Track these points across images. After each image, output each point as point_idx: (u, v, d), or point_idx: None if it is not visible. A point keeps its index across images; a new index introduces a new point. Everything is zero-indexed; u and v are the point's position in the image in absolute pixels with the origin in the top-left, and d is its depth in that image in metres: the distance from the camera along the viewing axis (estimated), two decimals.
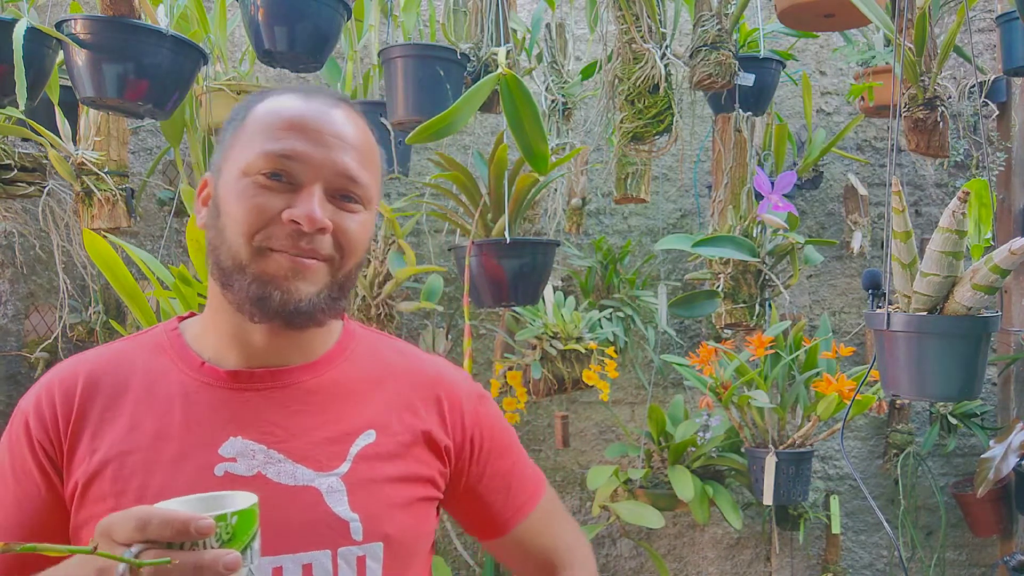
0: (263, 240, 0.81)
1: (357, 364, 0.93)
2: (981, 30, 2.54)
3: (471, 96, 1.49)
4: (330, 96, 0.89)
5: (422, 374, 0.97)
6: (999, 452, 2.05)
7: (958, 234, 0.97)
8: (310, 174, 0.82)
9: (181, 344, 0.89)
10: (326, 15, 1.69)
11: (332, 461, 0.85)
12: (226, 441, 0.83)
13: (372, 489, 0.86)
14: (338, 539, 0.83)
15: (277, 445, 0.84)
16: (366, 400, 0.91)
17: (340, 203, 0.84)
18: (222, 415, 0.84)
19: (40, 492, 0.83)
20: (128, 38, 1.52)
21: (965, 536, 2.50)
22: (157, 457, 0.82)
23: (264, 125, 0.84)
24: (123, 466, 0.81)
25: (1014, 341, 2.41)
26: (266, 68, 2.36)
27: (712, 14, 1.75)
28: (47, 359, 2.31)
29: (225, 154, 0.86)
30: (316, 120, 0.84)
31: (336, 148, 0.83)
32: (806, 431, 1.92)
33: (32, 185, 1.93)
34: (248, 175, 0.82)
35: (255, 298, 0.81)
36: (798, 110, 2.55)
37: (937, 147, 1.62)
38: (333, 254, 0.84)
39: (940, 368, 1.02)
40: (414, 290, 2.21)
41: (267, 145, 0.82)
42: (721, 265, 1.90)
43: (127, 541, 0.62)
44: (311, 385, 0.88)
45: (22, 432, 0.84)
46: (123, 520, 0.63)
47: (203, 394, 0.85)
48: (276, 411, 0.86)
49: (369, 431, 0.89)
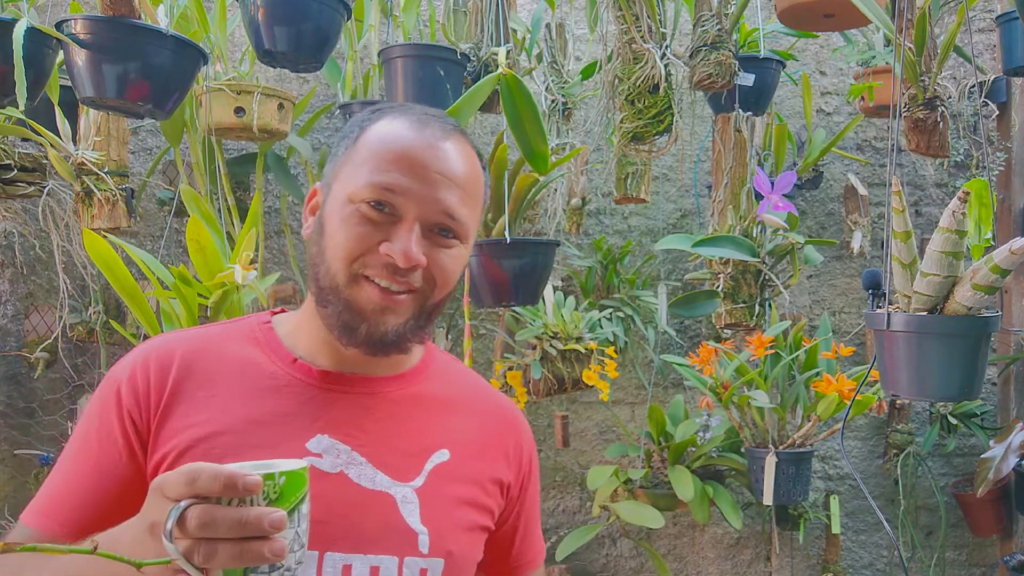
0: (359, 268, 0.84)
1: (436, 384, 0.97)
2: (981, 30, 2.54)
3: (471, 96, 1.49)
4: (442, 126, 0.90)
5: (494, 408, 1.01)
6: (999, 452, 2.05)
7: (958, 234, 0.97)
8: (411, 209, 0.84)
9: (274, 338, 0.92)
10: (326, 15, 1.69)
11: (408, 472, 0.88)
12: (313, 437, 0.86)
13: (442, 506, 0.89)
14: (406, 548, 0.86)
15: (360, 448, 0.87)
16: (443, 420, 0.94)
17: (437, 237, 0.86)
18: (311, 411, 0.87)
19: (121, 459, 0.85)
20: (128, 38, 1.52)
21: (965, 536, 2.50)
22: (247, 441, 0.84)
23: (374, 153, 0.86)
24: (215, 446, 0.83)
25: (1014, 341, 2.41)
26: (266, 68, 2.36)
27: (712, 14, 1.75)
28: (47, 359, 2.31)
29: (336, 171, 0.89)
30: (423, 155, 0.85)
31: (439, 185, 0.85)
32: (806, 431, 1.92)
33: (32, 185, 1.93)
34: (353, 202, 0.84)
35: (343, 325, 0.85)
36: (798, 110, 2.55)
37: (937, 147, 1.62)
38: (424, 286, 0.86)
39: (940, 368, 1.02)
40: None
41: (374, 176, 0.84)
42: (721, 265, 1.90)
43: (177, 496, 0.63)
44: (395, 396, 0.92)
45: (112, 399, 0.86)
46: (174, 476, 0.64)
47: (294, 388, 0.88)
48: (361, 416, 0.89)
49: (443, 450, 0.92)
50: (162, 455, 0.84)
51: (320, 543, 0.81)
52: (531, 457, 1.02)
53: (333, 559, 0.83)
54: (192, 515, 0.62)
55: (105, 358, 2.34)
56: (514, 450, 0.99)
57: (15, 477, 2.41)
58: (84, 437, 0.87)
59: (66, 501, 0.85)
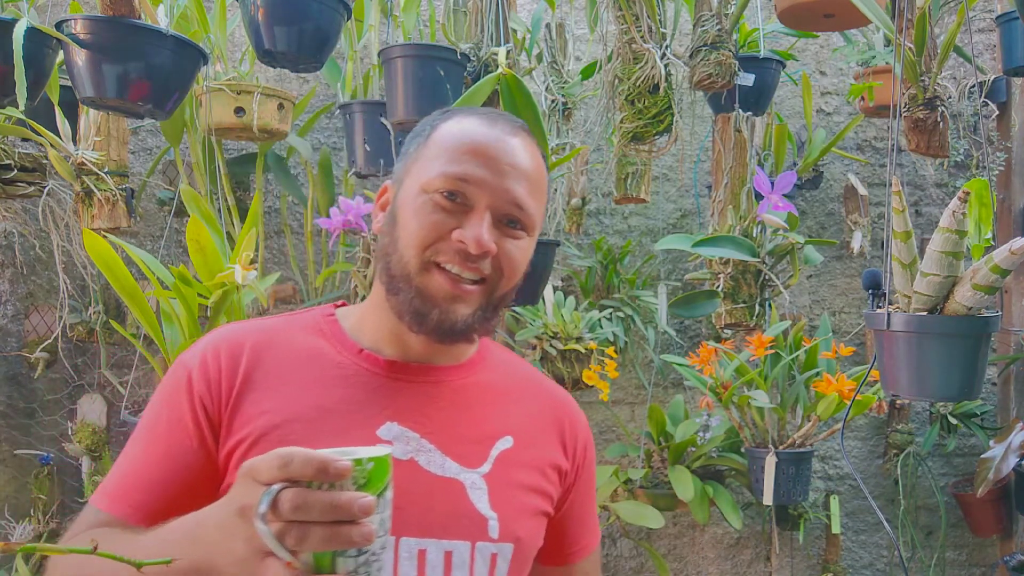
0: (432, 255, 0.86)
1: (494, 373, 1.00)
2: (981, 30, 2.54)
3: (471, 96, 1.49)
4: (510, 123, 0.93)
5: (550, 396, 1.04)
6: (999, 452, 2.05)
7: (958, 234, 0.97)
8: (483, 198, 0.87)
9: (339, 330, 0.94)
10: (326, 15, 1.69)
11: (475, 459, 0.91)
12: (383, 425, 0.88)
13: (509, 492, 0.92)
14: (477, 533, 0.88)
15: (428, 435, 0.89)
16: (504, 408, 0.97)
17: (505, 228, 0.89)
18: (379, 400, 0.90)
19: (192, 445, 0.86)
20: (128, 38, 1.52)
21: (965, 536, 2.50)
22: (319, 429, 0.86)
23: (447, 146, 0.89)
24: (289, 432, 0.85)
25: (1014, 341, 2.41)
26: (266, 68, 2.36)
27: (712, 14, 1.75)
28: (47, 359, 2.31)
29: (408, 167, 0.92)
30: (495, 147, 0.89)
31: (509, 176, 0.88)
32: (806, 431, 1.92)
33: (32, 185, 1.93)
34: (426, 192, 0.87)
35: (415, 312, 0.87)
36: (798, 110, 2.55)
37: (937, 147, 1.62)
38: (492, 275, 0.89)
39: (940, 368, 1.02)
40: None
41: (447, 167, 0.87)
42: (721, 265, 1.90)
43: (269, 480, 0.64)
44: (458, 385, 0.95)
45: (183, 386, 0.88)
46: (266, 460, 0.65)
47: (361, 378, 0.91)
48: (428, 404, 0.91)
49: (507, 437, 0.94)
50: (236, 441, 0.86)
51: (395, 528, 0.81)
52: (586, 445, 1.04)
53: (408, 544, 0.85)
54: (285, 498, 0.63)
55: (105, 358, 2.34)
56: (570, 437, 1.02)
57: (15, 477, 2.41)
58: (154, 423, 0.89)
59: (137, 485, 0.87)
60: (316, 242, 2.30)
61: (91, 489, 2.18)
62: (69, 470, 2.39)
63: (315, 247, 2.29)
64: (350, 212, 1.84)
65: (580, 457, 1.02)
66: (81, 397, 2.34)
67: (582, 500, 1.04)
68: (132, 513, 0.85)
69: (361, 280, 1.97)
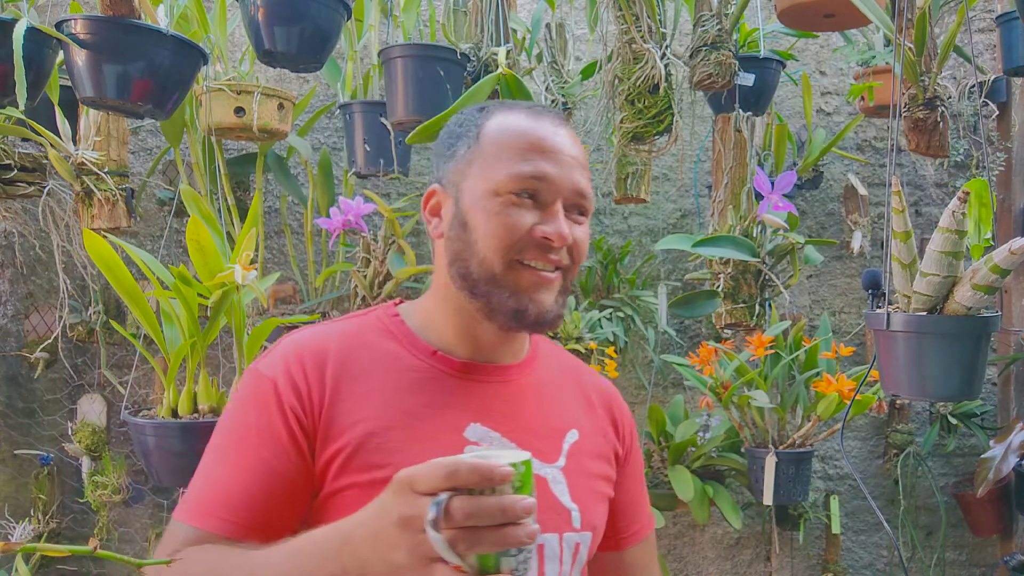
0: (515, 254, 0.89)
1: (547, 368, 1.03)
2: (981, 30, 2.54)
3: (471, 96, 1.49)
4: (553, 114, 0.95)
5: (597, 385, 1.08)
6: (999, 452, 2.05)
7: (958, 234, 0.97)
8: (554, 193, 0.90)
9: (408, 331, 0.96)
10: (326, 15, 1.69)
11: (551, 453, 0.95)
12: (468, 426, 0.91)
13: (584, 483, 0.96)
14: (563, 525, 0.92)
15: (508, 434, 0.93)
16: (563, 401, 1.01)
17: (573, 216, 0.92)
18: (460, 401, 0.92)
19: (289, 457, 0.86)
20: (128, 38, 1.52)
21: (965, 536, 2.50)
22: (413, 434, 0.88)
23: (506, 146, 0.91)
24: (387, 440, 0.87)
25: (1014, 341, 2.41)
26: (266, 68, 2.36)
27: (712, 14, 1.75)
28: (47, 359, 2.31)
29: (463, 170, 0.93)
30: (553, 141, 0.91)
31: (572, 167, 0.91)
32: (806, 431, 1.92)
33: (32, 185, 1.93)
34: (499, 194, 0.89)
35: (513, 310, 0.89)
36: (798, 110, 2.55)
37: (937, 147, 1.62)
38: (568, 263, 0.92)
39: (940, 368, 1.02)
40: (414, 290, 2.21)
41: (517, 167, 0.89)
42: (721, 265, 1.90)
43: (432, 490, 0.66)
44: (523, 382, 0.98)
45: (270, 398, 0.88)
46: (429, 471, 0.66)
47: (439, 380, 0.93)
48: (502, 403, 0.94)
49: (573, 429, 0.98)
50: (334, 451, 0.87)
51: None
52: (631, 429, 1.09)
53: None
54: (457, 506, 0.65)
55: (105, 358, 2.34)
56: (620, 423, 1.06)
57: (15, 477, 2.41)
58: (242, 436, 0.88)
59: (234, 500, 0.86)
60: (316, 242, 2.30)
61: (91, 489, 2.18)
62: (69, 470, 2.39)
63: (315, 247, 2.29)
64: (350, 212, 1.84)
65: (628, 442, 1.07)
66: (81, 397, 2.34)
67: (633, 484, 1.08)
68: (233, 528, 0.85)
69: (361, 280, 1.97)
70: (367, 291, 1.97)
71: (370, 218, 2.15)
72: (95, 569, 2.44)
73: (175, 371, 1.62)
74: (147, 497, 2.41)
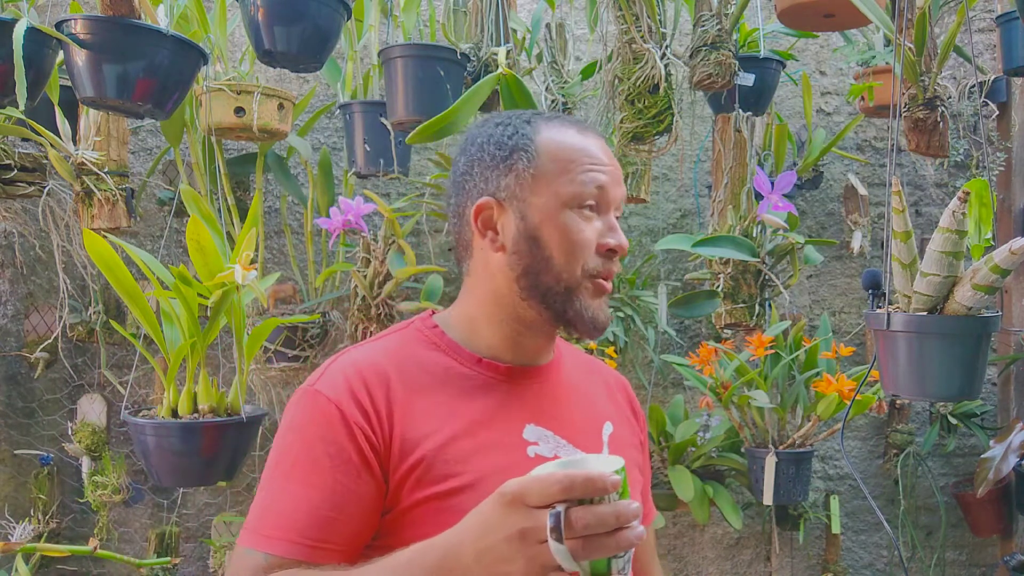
0: (592, 268, 0.94)
1: (572, 365, 1.07)
2: (981, 30, 2.54)
3: (471, 96, 1.49)
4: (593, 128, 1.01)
5: (611, 376, 1.13)
6: (999, 452, 2.05)
7: (958, 234, 0.97)
8: (612, 202, 0.96)
9: (452, 342, 0.99)
10: (326, 15, 1.69)
11: (595, 447, 0.99)
12: (525, 427, 0.95)
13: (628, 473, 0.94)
14: None
15: (559, 431, 0.97)
16: (591, 396, 1.05)
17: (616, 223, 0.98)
18: (513, 405, 0.96)
19: (361, 477, 0.88)
20: (128, 38, 1.52)
21: (965, 536, 2.50)
22: (478, 442, 0.91)
23: (569, 159, 0.95)
24: (459, 450, 0.90)
25: (1014, 341, 2.41)
26: (266, 68, 2.36)
27: (712, 14, 1.75)
28: (47, 359, 2.31)
29: (523, 183, 0.95)
30: (603, 154, 0.96)
31: (618, 179, 0.98)
32: (806, 431, 1.92)
33: (32, 185, 1.93)
34: (571, 208, 0.93)
35: (593, 320, 0.95)
36: (798, 110, 2.55)
37: (937, 147, 1.62)
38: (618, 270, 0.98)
39: (940, 368, 1.02)
40: (414, 290, 2.21)
41: (585, 180, 0.94)
42: (721, 265, 1.90)
43: (546, 502, 0.69)
44: (557, 381, 1.02)
45: (336, 420, 0.88)
46: (541, 485, 0.69)
47: (489, 386, 0.96)
48: (548, 402, 0.99)
49: (608, 422, 1.03)
50: (409, 467, 0.88)
51: None
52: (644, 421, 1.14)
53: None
54: (577, 516, 0.68)
55: (105, 358, 2.34)
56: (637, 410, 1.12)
57: (15, 477, 2.41)
58: (310, 459, 0.88)
59: (306, 523, 0.86)
60: (316, 242, 2.30)
61: (91, 489, 2.17)
62: (69, 470, 2.39)
63: (315, 247, 2.29)
64: (350, 212, 1.84)
65: (642, 424, 1.12)
66: (81, 397, 2.34)
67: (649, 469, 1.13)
68: (307, 551, 0.85)
69: (361, 280, 1.97)
70: (367, 291, 1.97)
71: (370, 218, 2.15)
72: (95, 569, 2.44)
73: (175, 371, 1.62)
74: (147, 497, 2.41)
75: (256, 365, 2.08)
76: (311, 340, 2.11)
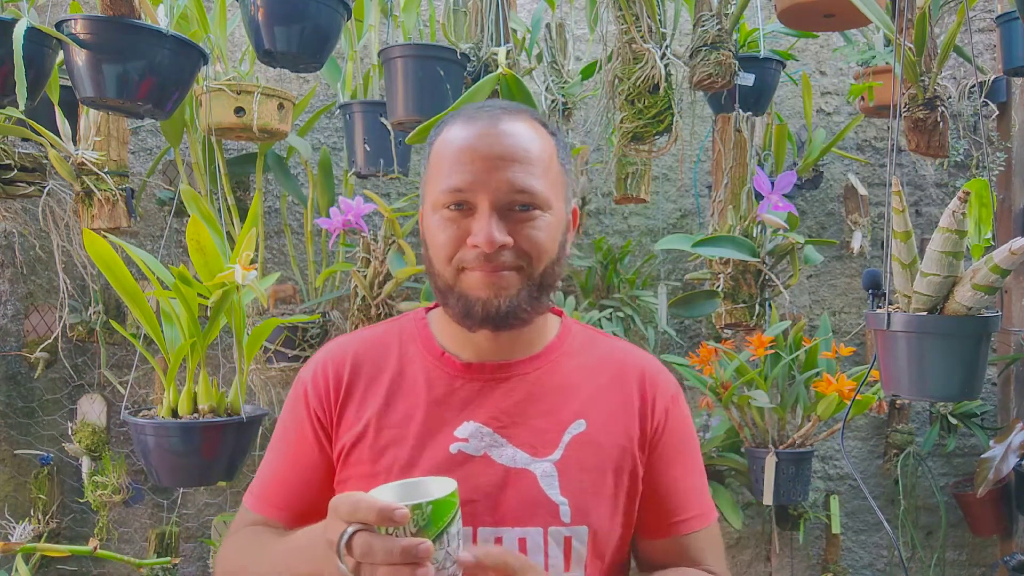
0: (458, 263, 0.94)
1: (573, 358, 1.04)
2: (981, 30, 2.54)
3: (471, 96, 1.49)
4: (491, 113, 0.97)
5: (626, 366, 1.05)
6: (999, 452, 2.05)
7: (958, 234, 0.97)
8: (482, 198, 0.92)
9: (427, 335, 1.04)
10: (326, 15, 1.69)
11: (546, 448, 0.96)
12: (461, 424, 0.97)
13: (580, 476, 0.96)
14: (549, 519, 0.94)
15: (501, 430, 0.97)
16: (578, 392, 1.01)
17: (517, 214, 0.93)
18: (459, 400, 0.98)
19: (313, 451, 1.01)
20: (128, 38, 1.52)
21: (965, 536, 2.50)
22: (405, 433, 0.97)
23: (441, 161, 0.96)
24: (379, 438, 0.97)
25: (1014, 341, 2.41)
26: (266, 68, 2.36)
27: (712, 14, 1.75)
28: (47, 359, 2.31)
29: (423, 187, 1.00)
30: (477, 146, 0.93)
31: (498, 168, 0.92)
32: (806, 431, 1.92)
33: (32, 185, 1.93)
34: (436, 210, 0.95)
35: (463, 313, 0.94)
36: (798, 110, 2.55)
37: (937, 147, 1.62)
38: (521, 263, 0.93)
39: (940, 368, 1.02)
40: (414, 290, 2.21)
41: (445, 182, 0.94)
42: (721, 265, 1.90)
43: (347, 520, 0.74)
44: (531, 377, 1.00)
45: (301, 399, 1.02)
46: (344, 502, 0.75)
47: (443, 381, 1.00)
48: (501, 399, 0.98)
49: (579, 421, 0.99)
50: (341, 445, 0.98)
51: (471, 520, 0.91)
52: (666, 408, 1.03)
53: (485, 533, 0.93)
54: (356, 542, 0.73)
55: (105, 358, 2.33)
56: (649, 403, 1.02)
57: (15, 477, 2.41)
58: (283, 433, 1.04)
59: (278, 488, 1.02)
60: (316, 242, 2.30)
61: (91, 489, 2.18)
62: (69, 470, 2.39)
63: (315, 247, 2.29)
64: (350, 212, 1.84)
65: (659, 421, 1.02)
66: (81, 397, 2.34)
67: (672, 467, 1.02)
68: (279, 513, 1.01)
69: (361, 280, 1.97)
70: (367, 291, 1.97)
71: (370, 218, 2.15)
72: (95, 569, 2.44)
73: (175, 371, 1.62)
74: (147, 497, 2.41)
75: (256, 365, 2.08)
76: (311, 340, 2.11)
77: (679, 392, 1.08)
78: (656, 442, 1.02)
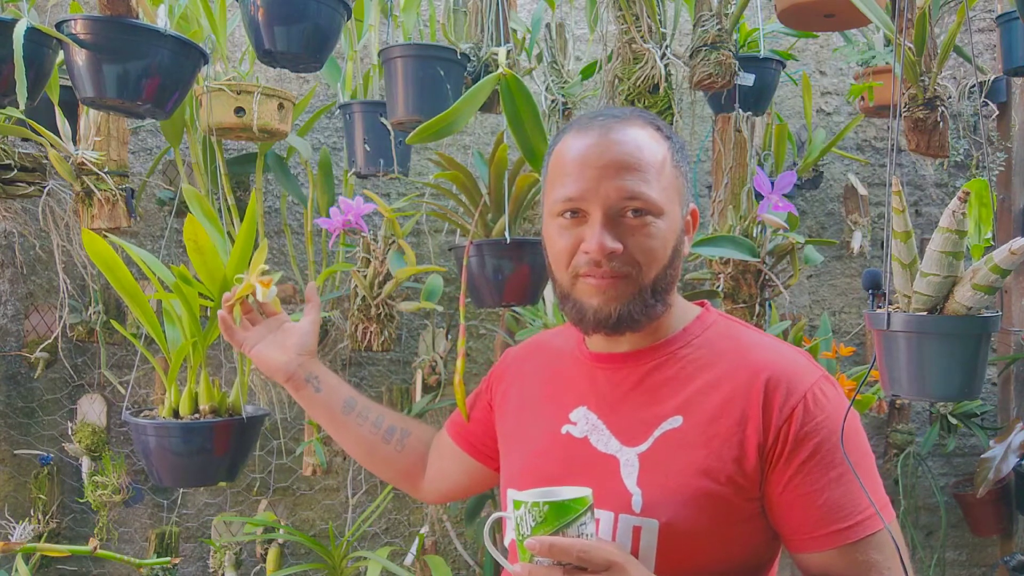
0: (574, 269, 0.99)
1: (691, 350, 1.03)
2: (981, 30, 2.54)
3: (471, 96, 1.49)
4: (603, 123, 1.00)
5: (757, 367, 0.98)
6: (999, 452, 2.05)
7: (958, 234, 0.97)
8: (593, 205, 0.96)
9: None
10: (326, 15, 1.69)
11: (638, 438, 0.99)
12: (575, 408, 1.06)
13: (661, 472, 0.97)
14: (621, 506, 0.96)
15: (604, 416, 1.03)
16: (685, 387, 1.00)
17: (629, 221, 0.96)
18: (580, 386, 1.07)
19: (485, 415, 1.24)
20: (128, 38, 1.52)
21: (965, 536, 2.50)
22: (536, 410, 1.12)
23: (555, 171, 1.01)
24: (522, 412, 1.14)
25: (1014, 341, 2.41)
26: (266, 68, 2.36)
27: (712, 14, 1.75)
28: (47, 359, 2.31)
29: (542, 196, 1.07)
30: (588, 155, 0.97)
31: (608, 176, 0.96)
32: None
33: (32, 185, 1.93)
34: (553, 218, 1.01)
35: (577, 319, 1.01)
36: (798, 110, 2.55)
37: (937, 147, 1.62)
38: (631, 270, 0.97)
39: (940, 368, 1.02)
40: (414, 290, 2.21)
41: (558, 191, 0.99)
42: (721, 265, 1.89)
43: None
44: (643, 368, 1.03)
45: (484, 382, 1.27)
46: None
47: (575, 368, 1.10)
48: (611, 388, 1.04)
49: (676, 416, 0.98)
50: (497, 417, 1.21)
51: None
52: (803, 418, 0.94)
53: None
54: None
55: (105, 358, 2.34)
56: (776, 409, 0.94)
57: (15, 477, 2.41)
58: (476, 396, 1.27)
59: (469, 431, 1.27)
60: (316, 242, 2.30)
61: (91, 489, 2.17)
62: (69, 470, 2.39)
63: (315, 247, 2.29)
64: (350, 212, 1.84)
65: (786, 431, 0.94)
66: (81, 397, 2.34)
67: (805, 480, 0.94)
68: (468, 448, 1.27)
69: (361, 280, 1.97)
70: (367, 291, 1.97)
71: (370, 218, 2.15)
72: (95, 569, 2.45)
73: (176, 371, 1.62)
74: (147, 497, 2.41)
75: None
76: None
77: (819, 388, 0.98)
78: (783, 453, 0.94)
